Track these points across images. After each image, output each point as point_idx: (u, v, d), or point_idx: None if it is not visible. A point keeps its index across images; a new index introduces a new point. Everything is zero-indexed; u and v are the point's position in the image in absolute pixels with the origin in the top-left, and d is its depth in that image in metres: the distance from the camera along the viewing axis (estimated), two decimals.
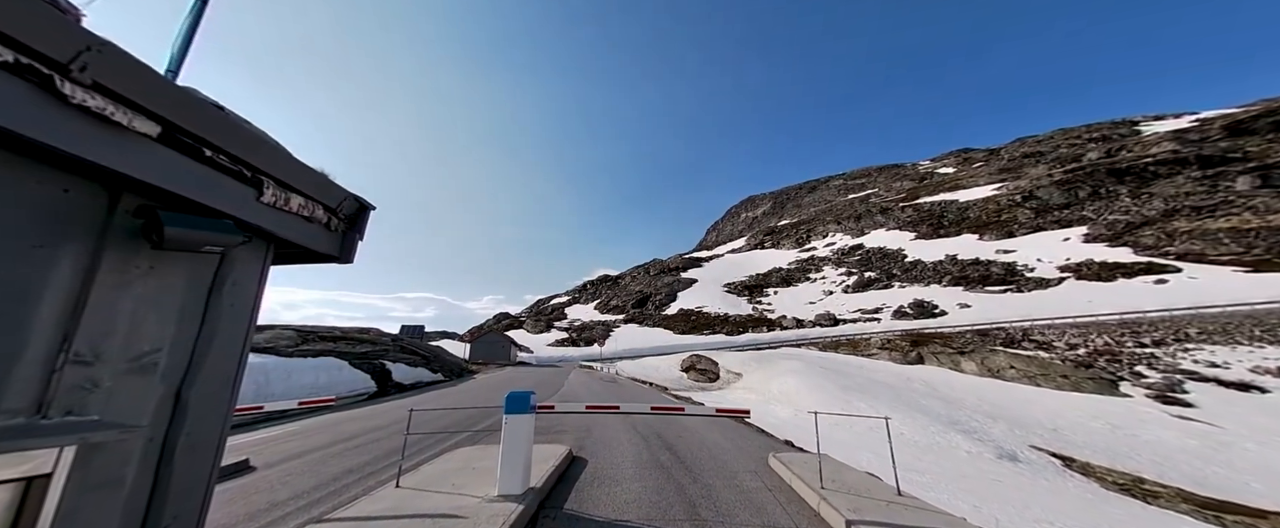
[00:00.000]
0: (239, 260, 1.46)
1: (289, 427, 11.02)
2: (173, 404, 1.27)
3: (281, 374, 15.47)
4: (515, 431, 5.02)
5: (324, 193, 1.65)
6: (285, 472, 6.55)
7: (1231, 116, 77.03)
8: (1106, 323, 38.71)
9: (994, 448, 19.16)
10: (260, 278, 1.55)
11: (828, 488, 5.31)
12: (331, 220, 1.71)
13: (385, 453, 7.70)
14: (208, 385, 1.36)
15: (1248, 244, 45.91)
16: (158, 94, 1.11)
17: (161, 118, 1.12)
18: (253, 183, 1.40)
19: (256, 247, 1.52)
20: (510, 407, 5.12)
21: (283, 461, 7.29)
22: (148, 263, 1.21)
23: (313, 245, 1.64)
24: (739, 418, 9.83)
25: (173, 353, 1.27)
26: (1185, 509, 14.73)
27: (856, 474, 6.31)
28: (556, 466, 6.21)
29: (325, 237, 1.70)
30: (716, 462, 7.26)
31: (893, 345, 37.78)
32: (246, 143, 1.36)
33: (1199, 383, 27.58)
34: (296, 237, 1.57)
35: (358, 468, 6.76)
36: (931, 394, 27.72)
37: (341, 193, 1.73)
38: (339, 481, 6.09)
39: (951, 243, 75.26)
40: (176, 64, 1.94)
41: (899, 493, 5.48)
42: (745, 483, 6.11)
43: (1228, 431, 21.80)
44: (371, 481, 6.07)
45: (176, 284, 1.29)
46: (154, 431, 1.23)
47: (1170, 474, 18.22)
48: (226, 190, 1.32)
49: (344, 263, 1.78)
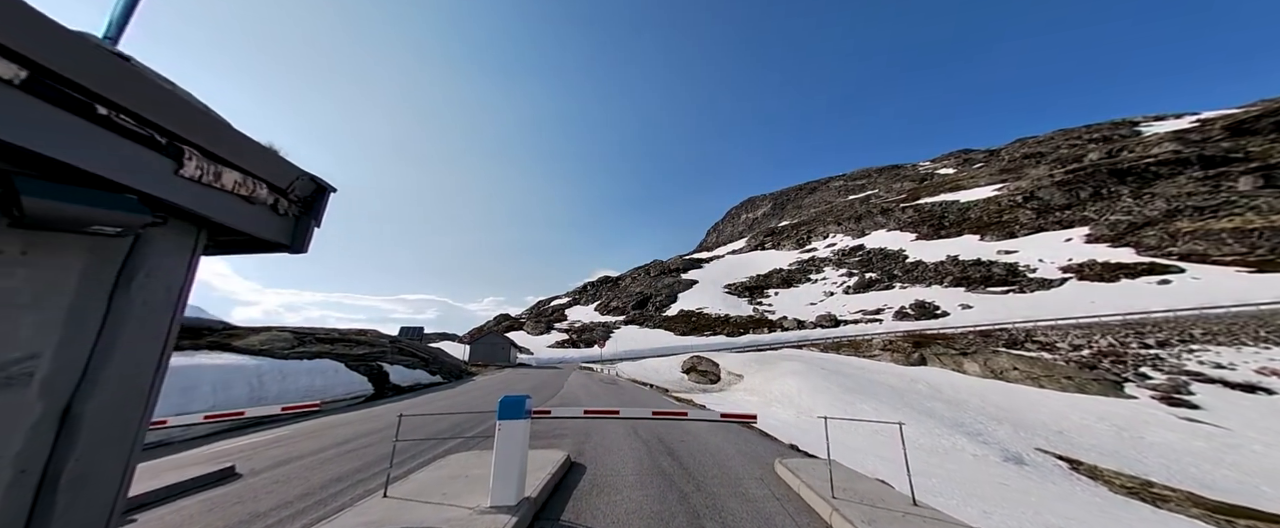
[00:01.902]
0: (156, 247, 1.20)
1: (281, 431, 10.75)
2: (57, 427, 1.01)
3: (276, 377, 15.20)
4: (509, 437, 4.76)
5: (269, 170, 1.39)
6: (272, 479, 6.28)
7: (1232, 117, 76.81)
8: (1110, 324, 38.44)
9: (999, 451, 18.89)
10: (188, 269, 1.28)
11: (840, 498, 5.04)
12: (280, 202, 1.45)
13: (378, 459, 7.44)
14: (108, 402, 1.09)
15: (1251, 244, 45.66)
16: (24, 28, 0.85)
17: (28, 60, 0.87)
18: (169, 152, 1.14)
19: (180, 231, 1.26)
20: (504, 412, 4.85)
21: (271, 467, 7.03)
22: (18, 247, 0.95)
23: (256, 231, 1.38)
24: (746, 424, 9.57)
25: (57, 362, 1.00)
26: (1196, 514, 14.46)
27: (869, 483, 6.04)
28: (553, 473, 5.94)
29: (272, 221, 1.43)
30: (721, 468, 6.99)
31: (895, 347, 37.50)
32: (160, 103, 1.10)
33: (1205, 384, 27.28)
34: (234, 220, 1.31)
35: (348, 475, 6.49)
36: (935, 396, 27.43)
37: (293, 171, 1.47)
38: (327, 488, 5.83)
39: (953, 243, 75.00)
40: (116, 30, 1.68)
41: (914, 503, 5.21)
42: (751, 491, 5.84)
43: (1235, 432, 21.53)
44: (360, 489, 5.81)
45: (63, 276, 1.02)
46: (26, 460, 0.96)
47: (1178, 477, 17.95)
48: (131, 158, 1.06)
49: (296, 253, 1.52)
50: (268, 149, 1.38)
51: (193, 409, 11.75)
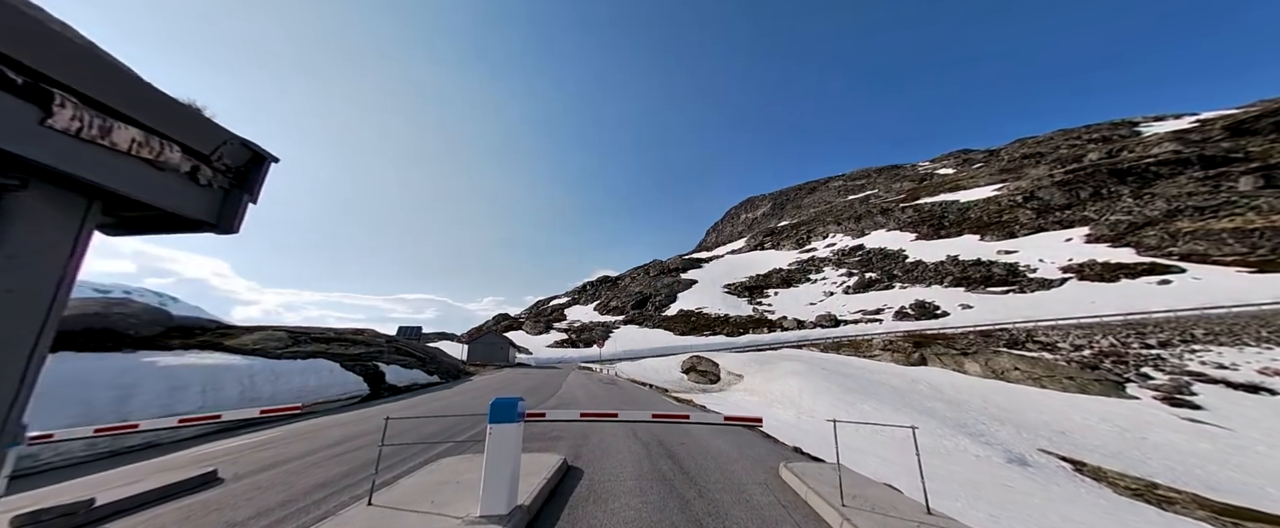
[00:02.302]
0: (23, 219, 0.94)
1: (270, 433, 10.48)
2: None
3: (269, 377, 14.90)
4: (501, 442, 4.49)
5: (185, 130, 1.13)
6: (254, 485, 6.02)
7: (1232, 117, 76.74)
8: (1111, 324, 38.27)
9: (1002, 452, 18.69)
10: (73, 249, 1.02)
11: (850, 506, 4.79)
12: (201, 171, 1.18)
13: (368, 462, 7.17)
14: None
15: (1252, 244, 45.52)
16: None
17: None
18: (31, 95, 0.88)
19: (59, 201, 0.99)
20: (495, 415, 4.58)
21: (255, 471, 6.76)
22: None
23: (168, 205, 1.12)
24: (751, 426, 9.30)
25: None
26: (1202, 516, 14.26)
27: (878, 488, 5.79)
28: (548, 478, 5.68)
29: (189, 193, 1.17)
30: (723, 472, 6.74)
31: (895, 347, 37.29)
32: (18, 32, 0.84)
33: (1207, 385, 27.11)
34: (136, 190, 1.05)
35: (334, 480, 6.23)
36: (936, 396, 27.22)
37: (219, 134, 1.20)
38: (310, 495, 5.56)
39: (952, 243, 74.83)
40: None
41: (929, 512, 4.96)
42: (756, 498, 5.58)
43: (1238, 434, 21.36)
44: (347, 495, 5.55)
45: None
46: None
47: (1183, 479, 17.76)
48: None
49: (224, 233, 1.25)
50: (183, 105, 1.12)
51: (180, 410, 11.47)
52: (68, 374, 9.70)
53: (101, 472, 6.82)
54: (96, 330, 12.68)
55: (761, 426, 6.21)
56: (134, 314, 15.08)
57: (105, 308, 13.78)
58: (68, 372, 9.72)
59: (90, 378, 9.93)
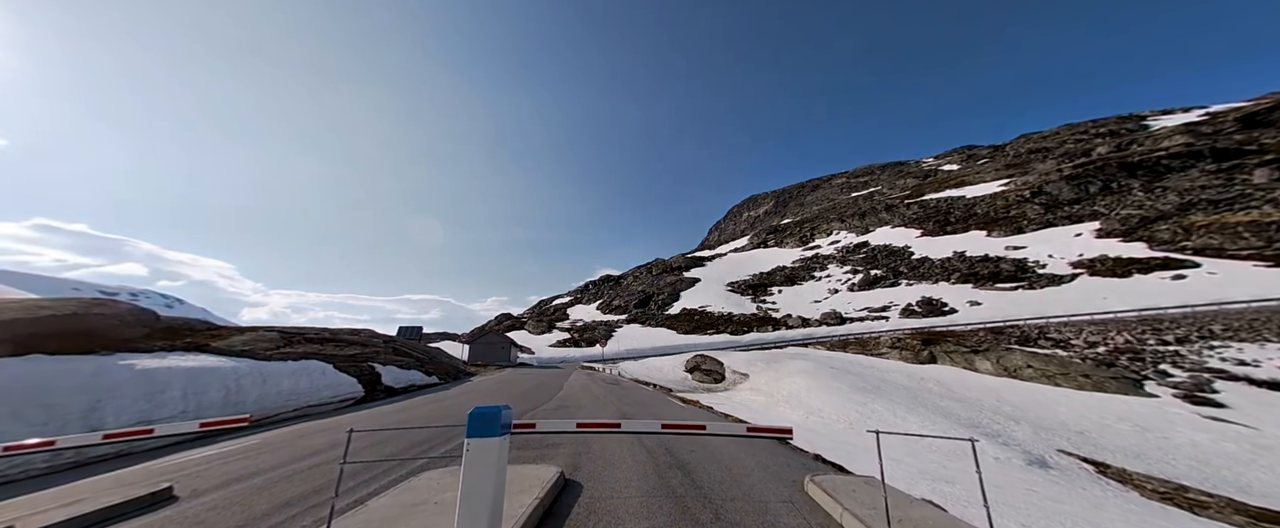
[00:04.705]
0: None
1: (248, 441, 9.83)
2: None
3: (255, 380, 14.26)
4: (480, 459, 3.78)
5: None
6: (210, 504, 5.34)
7: (1244, 109, 75.45)
8: (1126, 320, 37.35)
9: (1021, 454, 17.96)
10: None
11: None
12: None
13: (347, 475, 6.50)
14: None
15: (1269, 238, 44.48)
16: None
17: None
18: None
19: None
20: (474, 427, 3.85)
21: (217, 487, 6.09)
22: None
23: None
24: (782, 439, 8.55)
25: None
26: (1239, 522, 13.50)
27: (921, 507, 5.06)
28: (541, 497, 4.98)
29: None
30: (740, 487, 6.02)
31: (903, 344, 36.48)
32: None
33: (1229, 382, 26.26)
34: None
35: (301, 498, 5.54)
36: (947, 395, 26.44)
37: None
38: (269, 518, 4.88)
39: (959, 239, 73.82)
40: None
41: None
42: (783, 520, 4.85)
43: (1265, 433, 20.55)
44: (310, 518, 4.87)
45: None
46: None
47: (1212, 481, 17.00)
48: None
49: None
50: None
51: (158, 416, 10.83)
52: (31, 378, 9.06)
53: (50, 487, 6.17)
54: (73, 333, 12.05)
55: (791, 437, 5.49)
56: (117, 315, 14.46)
57: (83, 309, 13.15)
58: (31, 375, 9.08)
59: (56, 382, 9.29)
